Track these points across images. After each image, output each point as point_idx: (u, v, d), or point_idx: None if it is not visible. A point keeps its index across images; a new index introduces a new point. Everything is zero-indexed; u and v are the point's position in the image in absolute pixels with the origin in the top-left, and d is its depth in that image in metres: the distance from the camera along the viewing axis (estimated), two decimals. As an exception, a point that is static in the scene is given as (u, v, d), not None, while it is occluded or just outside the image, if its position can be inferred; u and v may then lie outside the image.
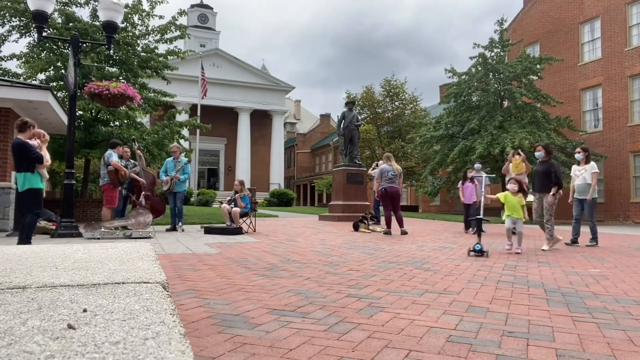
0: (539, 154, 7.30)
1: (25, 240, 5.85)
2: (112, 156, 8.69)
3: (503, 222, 6.82)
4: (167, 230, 9.60)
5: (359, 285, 3.65)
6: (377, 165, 11.67)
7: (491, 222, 7.03)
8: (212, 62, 40.42)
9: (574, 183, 7.92)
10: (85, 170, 14.44)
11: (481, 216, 6.68)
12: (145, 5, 13.47)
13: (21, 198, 6.25)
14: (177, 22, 13.73)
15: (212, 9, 50.49)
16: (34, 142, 6.36)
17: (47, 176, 7.28)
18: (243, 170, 39.66)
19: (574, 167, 8.07)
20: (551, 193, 6.97)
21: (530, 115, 18.87)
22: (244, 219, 9.67)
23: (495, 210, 8.56)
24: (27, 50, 13.12)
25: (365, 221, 10.23)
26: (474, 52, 20.86)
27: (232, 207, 9.47)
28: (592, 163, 7.86)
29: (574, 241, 7.72)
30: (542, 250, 6.80)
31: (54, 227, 8.35)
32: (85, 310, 1.04)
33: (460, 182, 10.57)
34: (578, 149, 8.15)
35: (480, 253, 6.07)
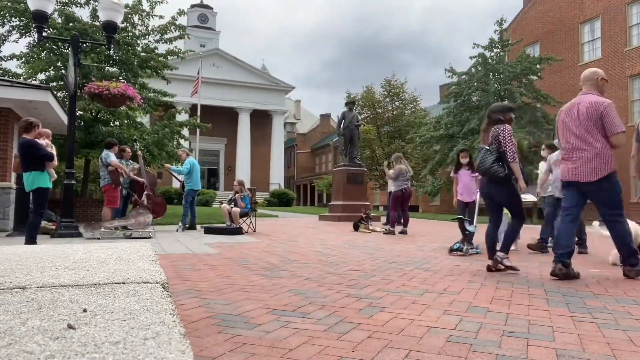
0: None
1: (30, 240, 5.81)
2: (110, 156, 8.70)
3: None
4: (184, 230, 9.61)
5: (359, 285, 3.65)
6: (389, 165, 10.49)
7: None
8: (212, 62, 40.44)
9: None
10: (85, 170, 14.43)
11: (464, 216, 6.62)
12: (145, 6, 13.48)
13: (27, 197, 6.19)
14: (177, 22, 13.74)
15: (212, 9, 50.56)
16: (43, 142, 6.33)
17: (55, 175, 7.25)
18: (243, 171, 39.65)
19: (540, 164, 7.71)
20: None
21: (530, 115, 18.88)
22: (244, 219, 9.68)
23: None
24: (27, 50, 13.12)
25: (364, 222, 10.25)
26: (474, 52, 20.90)
27: (232, 207, 9.48)
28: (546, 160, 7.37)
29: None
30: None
31: (54, 227, 8.35)
32: (85, 310, 1.04)
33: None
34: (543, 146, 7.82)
35: (461, 251, 6.06)
